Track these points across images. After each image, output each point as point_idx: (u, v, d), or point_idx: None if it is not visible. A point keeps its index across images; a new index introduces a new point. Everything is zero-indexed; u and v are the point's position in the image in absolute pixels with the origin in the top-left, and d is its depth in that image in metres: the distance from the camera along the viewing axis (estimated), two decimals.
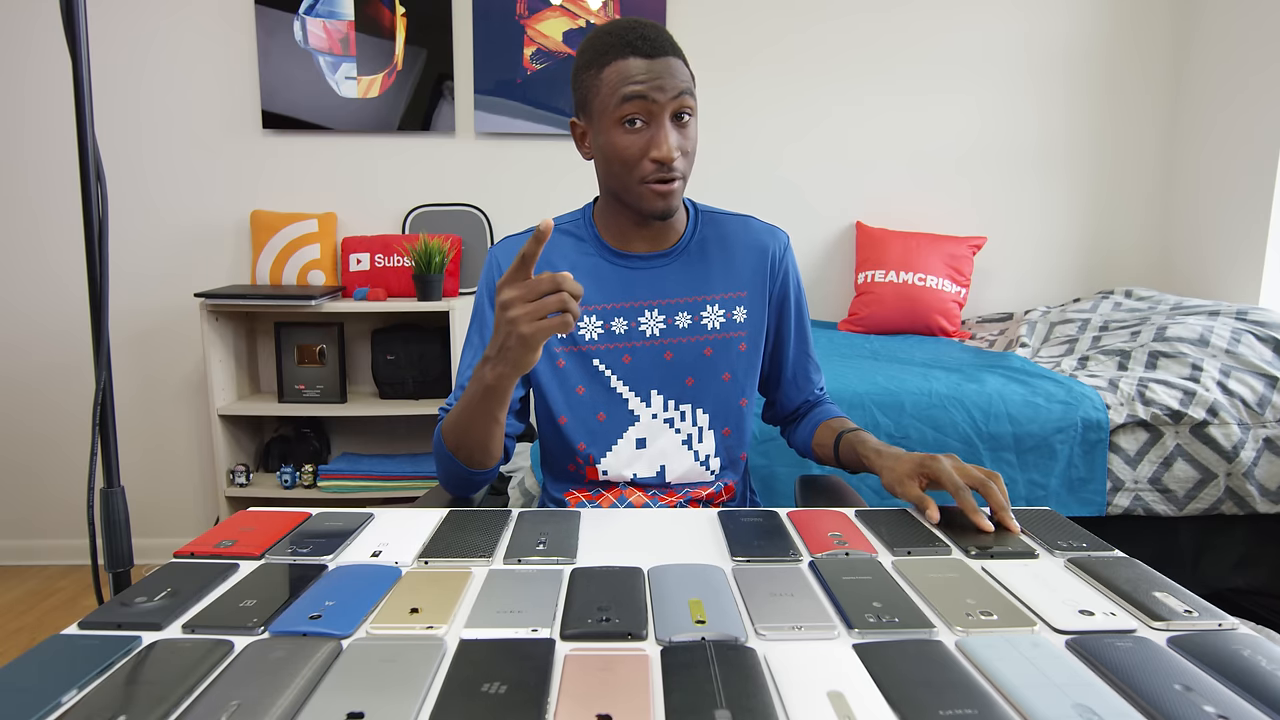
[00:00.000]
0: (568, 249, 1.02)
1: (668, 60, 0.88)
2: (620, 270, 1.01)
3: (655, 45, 0.88)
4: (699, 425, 1.03)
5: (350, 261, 2.32)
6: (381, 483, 2.26)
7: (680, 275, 1.01)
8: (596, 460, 1.02)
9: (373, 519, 0.80)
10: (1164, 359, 1.75)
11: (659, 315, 1.00)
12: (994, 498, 0.79)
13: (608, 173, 0.94)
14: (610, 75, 0.88)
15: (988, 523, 0.77)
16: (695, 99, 0.91)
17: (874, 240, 2.42)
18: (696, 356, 1.01)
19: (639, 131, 0.89)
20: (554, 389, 1.01)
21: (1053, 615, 0.58)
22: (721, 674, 0.49)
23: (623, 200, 0.95)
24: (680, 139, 0.90)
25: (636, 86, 0.87)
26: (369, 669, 0.50)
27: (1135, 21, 2.44)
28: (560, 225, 1.04)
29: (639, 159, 0.89)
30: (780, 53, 2.42)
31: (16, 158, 2.31)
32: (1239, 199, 2.24)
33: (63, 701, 0.47)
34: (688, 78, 0.90)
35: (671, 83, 0.88)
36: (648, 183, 0.90)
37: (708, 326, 1.01)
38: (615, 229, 1.01)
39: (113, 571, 1.07)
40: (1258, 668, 0.50)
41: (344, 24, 2.31)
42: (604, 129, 0.91)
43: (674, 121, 0.89)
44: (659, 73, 0.87)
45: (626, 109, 0.88)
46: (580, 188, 2.40)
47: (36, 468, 2.43)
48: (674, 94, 0.88)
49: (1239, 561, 1.67)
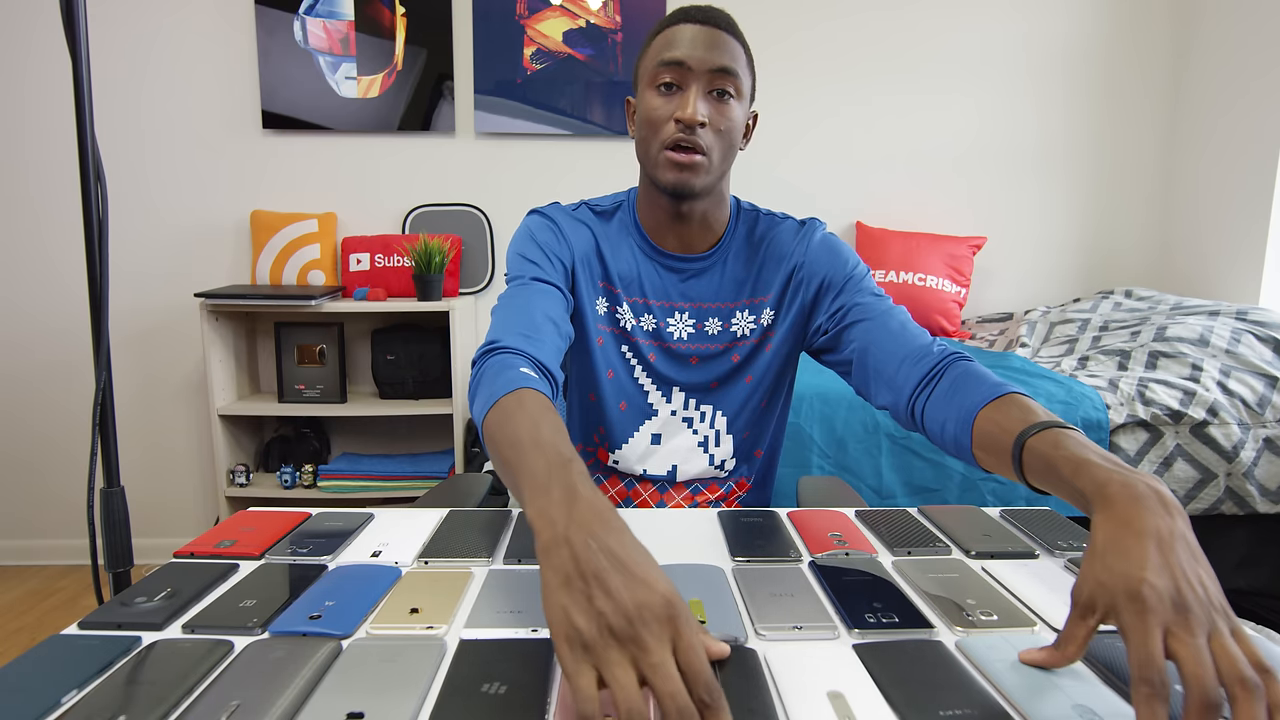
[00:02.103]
0: (607, 230, 0.98)
1: (717, 32, 0.86)
2: (655, 266, 0.97)
3: (708, 15, 0.87)
4: (716, 428, 1.01)
5: (350, 261, 2.32)
6: (381, 483, 2.26)
7: (713, 281, 0.98)
8: (611, 447, 1.01)
9: (373, 519, 0.80)
10: (1164, 359, 1.75)
11: (689, 319, 0.98)
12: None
13: (639, 140, 0.91)
14: (659, 41, 0.88)
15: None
16: (744, 83, 0.88)
17: (874, 240, 2.42)
18: (723, 365, 0.99)
19: (671, 96, 0.87)
20: (592, 363, 0.98)
21: (1053, 615, 0.58)
22: (722, 674, 0.49)
23: (651, 178, 0.91)
24: (712, 111, 0.86)
25: (676, 51, 0.86)
26: (369, 669, 0.50)
27: (1135, 22, 2.44)
28: (598, 206, 1.00)
29: (664, 121, 0.86)
30: (781, 53, 2.42)
31: (17, 158, 2.31)
32: (1239, 199, 2.24)
33: (63, 701, 0.47)
34: (737, 57, 0.87)
35: (713, 54, 0.85)
36: (667, 149, 0.87)
37: (737, 334, 0.98)
38: (652, 220, 0.97)
39: (113, 571, 1.07)
40: None
41: (344, 24, 2.31)
42: (642, 92, 0.90)
43: (710, 95, 0.86)
44: (702, 41, 0.85)
45: (662, 72, 0.86)
46: (581, 188, 2.40)
47: (37, 467, 2.43)
48: (712, 65, 0.85)
49: (1239, 562, 1.67)
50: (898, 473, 1.63)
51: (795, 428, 1.64)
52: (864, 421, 1.62)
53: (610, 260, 0.97)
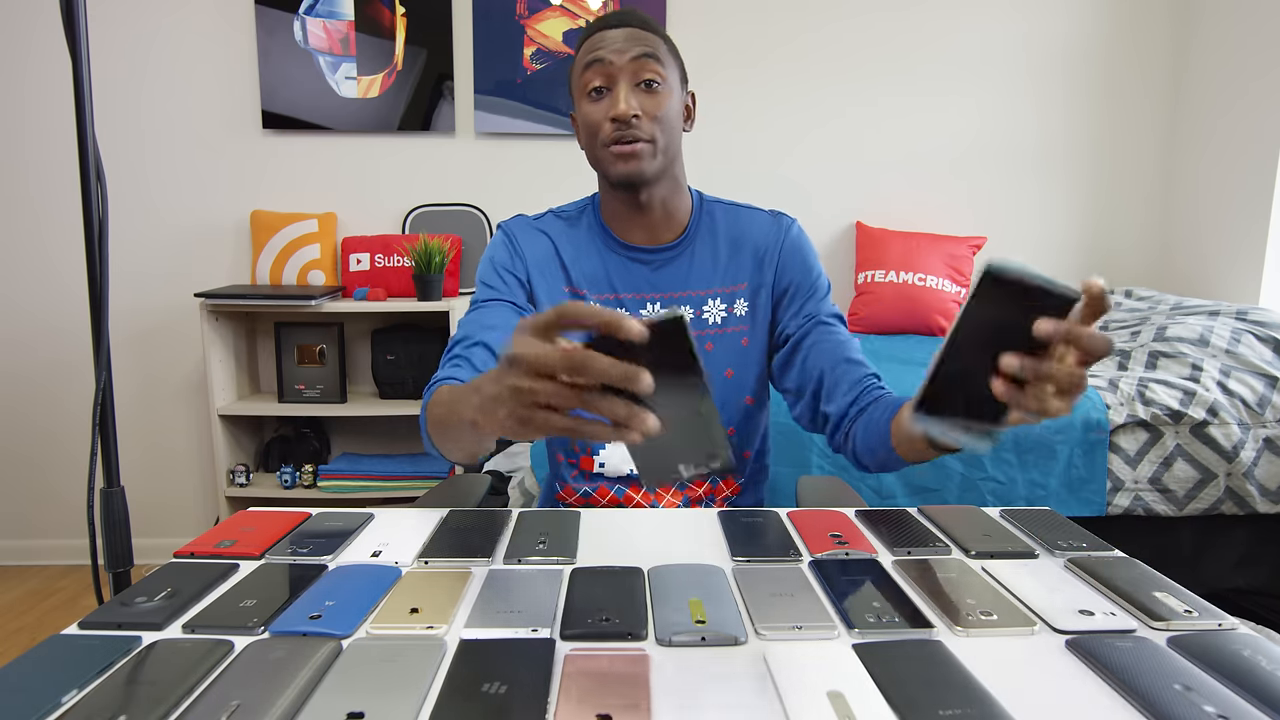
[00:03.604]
0: (572, 235, 1.02)
1: (632, 30, 0.91)
2: (622, 260, 1.00)
3: (621, 18, 0.93)
4: None
5: (350, 261, 2.32)
6: (381, 483, 2.26)
7: (682, 269, 1.00)
8: (594, 451, 1.02)
9: (373, 519, 0.80)
10: (1164, 359, 1.75)
11: (659, 310, 1.00)
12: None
13: (585, 148, 0.97)
14: (582, 51, 0.94)
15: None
16: (668, 69, 0.93)
17: (874, 240, 2.42)
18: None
19: (603, 99, 0.92)
20: None
21: (1053, 615, 0.58)
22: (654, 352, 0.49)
23: (604, 176, 0.97)
24: (643, 101, 0.91)
25: (596, 52, 0.91)
26: (369, 669, 0.50)
27: (1135, 22, 2.44)
28: (564, 213, 1.05)
29: (601, 122, 0.91)
30: (784, 55, 2.42)
31: (17, 158, 2.31)
32: (1239, 199, 2.24)
33: (63, 701, 0.47)
34: (657, 46, 0.92)
35: (630, 46, 0.90)
36: (609, 146, 0.91)
37: (709, 321, 1.00)
38: (615, 217, 1.01)
39: (113, 571, 1.07)
40: (1258, 668, 0.50)
41: (344, 24, 2.31)
42: (578, 103, 0.95)
43: (638, 87, 0.91)
44: (618, 38, 0.91)
45: (588, 76, 0.91)
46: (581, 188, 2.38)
47: (37, 467, 2.43)
48: (633, 55, 0.90)
49: (1239, 561, 1.67)
50: (898, 473, 1.63)
51: (795, 428, 1.64)
52: None
53: (572, 263, 1.01)
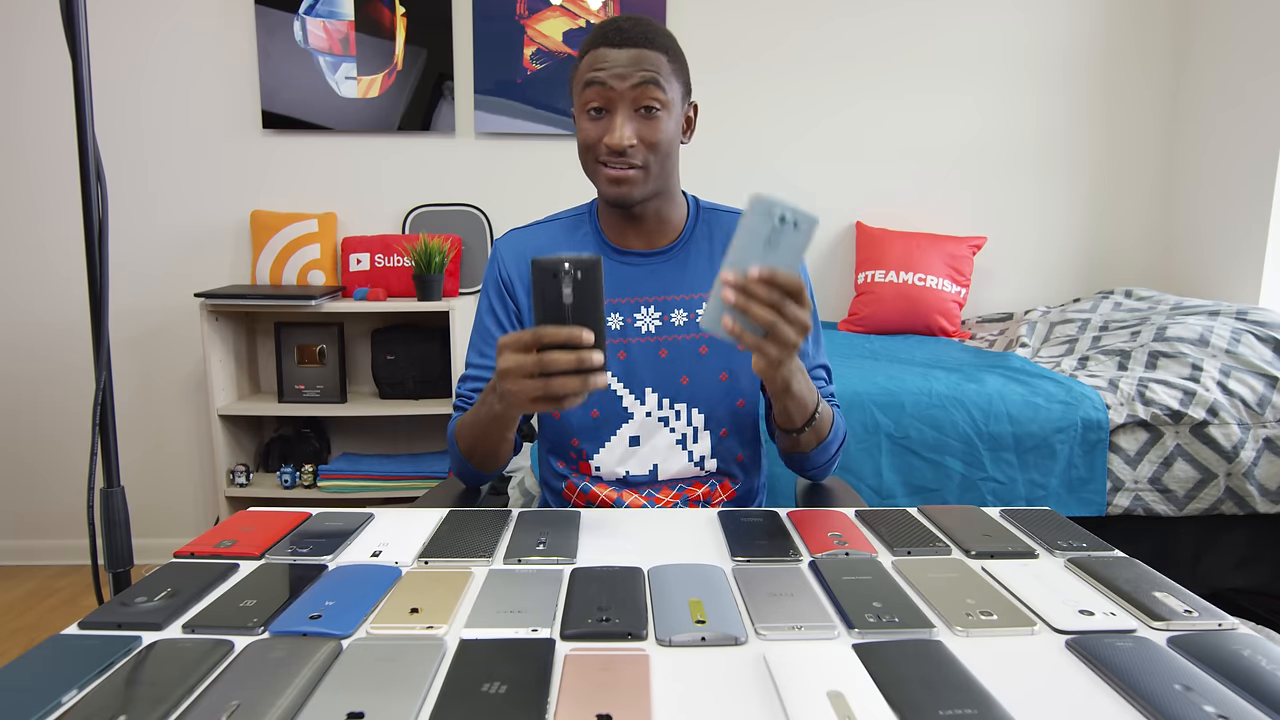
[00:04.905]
0: (570, 238, 1.03)
1: (636, 51, 0.88)
2: (618, 266, 1.01)
3: (626, 36, 0.89)
4: (694, 425, 1.02)
5: (350, 261, 2.32)
6: (381, 483, 2.26)
7: (676, 272, 1.01)
8: (590, 455, 1.02)
9: (373, 519, 0.80)
10: (1164, 359, 1.75)
11: (654, 312, 1.00)
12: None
13: (580, 159, 0.96)
14: (583, 65, 0.92)
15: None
16: (669, 93, 0.90)
17: (874, 240, 2.42)
18: (691, 355, 1.00)
19: (600, 119, 0.91)
20: None
21: (1053, 615, 0.58)
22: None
23: (596, 190, 0.97)
24: (641, 128, 0.89)
25: (597, 73, 0.89)
26: (369, 669, 0.50)
27: (1136, 22, 2.44)
28: (561, 219, 1.06)
29: (596, 143, 0.91)
30: (783, 54, 2.42)
31: (17, 158, 2.31)
32: (1239, 199, 2.24)
33: (63, 701, 0.47)
34: (660, 68, 0.89)
35: (633, 71, 0.88)
36: (603, 168, 0.92)
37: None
38: (611, 224, 1.02)
39: (113, 571, 1.07)
40: (1258, 668, 0.50)
41: (344, 24, 2.31)
42: (576, 115, 0.94)
43: (637, 112, 0.89)
44: (622, 62, 0.88)
45: (588, 95, 0.90)
46: (581, 188, 2.39)
47: (37, 467, 2.43)
48: (634, 83, 0.88)
49: (1239, 561, 1.67)
50: (898, 473, 1.63)
51: None
52: (864, 421, 1.63)
53: None
